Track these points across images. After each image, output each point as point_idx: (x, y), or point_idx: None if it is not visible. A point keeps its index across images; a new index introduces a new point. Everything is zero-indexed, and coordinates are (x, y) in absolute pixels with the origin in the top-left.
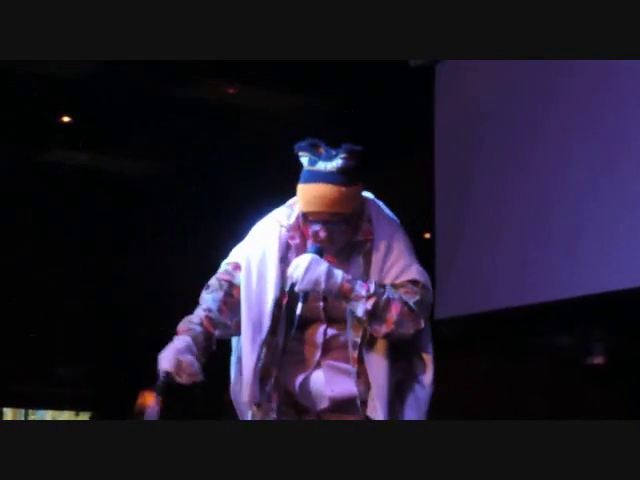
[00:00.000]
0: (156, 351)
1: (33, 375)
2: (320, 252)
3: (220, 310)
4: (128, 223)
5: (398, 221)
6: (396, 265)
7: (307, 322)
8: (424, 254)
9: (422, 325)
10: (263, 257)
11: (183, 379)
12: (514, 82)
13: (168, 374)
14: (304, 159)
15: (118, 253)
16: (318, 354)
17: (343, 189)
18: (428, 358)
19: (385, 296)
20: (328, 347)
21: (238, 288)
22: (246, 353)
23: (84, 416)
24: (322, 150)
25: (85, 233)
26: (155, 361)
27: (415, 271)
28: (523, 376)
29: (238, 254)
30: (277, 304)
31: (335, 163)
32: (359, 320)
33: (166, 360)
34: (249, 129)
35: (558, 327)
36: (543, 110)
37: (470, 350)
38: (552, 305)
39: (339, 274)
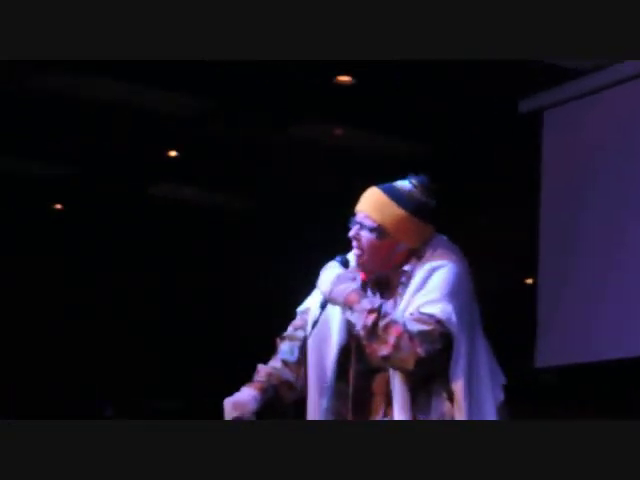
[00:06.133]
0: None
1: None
2: (345, 263)
3: (299, 361)
4: (225, 257)
5: (453, 262)
6: (422, 298)
7: (374, 370)
8: (525, 299)
9: (422, 355)
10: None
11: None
12: (625, 129)
13: None
14: None
15: (213, 285)
16: (383, 405)
17: (390, 202)
18: (461, 402)
19: (389, 317)
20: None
21: None
22: (310, 399)
23: None
24: (416, 184)
25: (184, 266)
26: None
27: (438, 308)
28: (625, 431)
29: (310, 298)
30: (345, 348)
31: (402, 184)
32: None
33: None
34: (352, 171)
35: None
36: None
37: (571, 400)
38: None
39: (350, 284)
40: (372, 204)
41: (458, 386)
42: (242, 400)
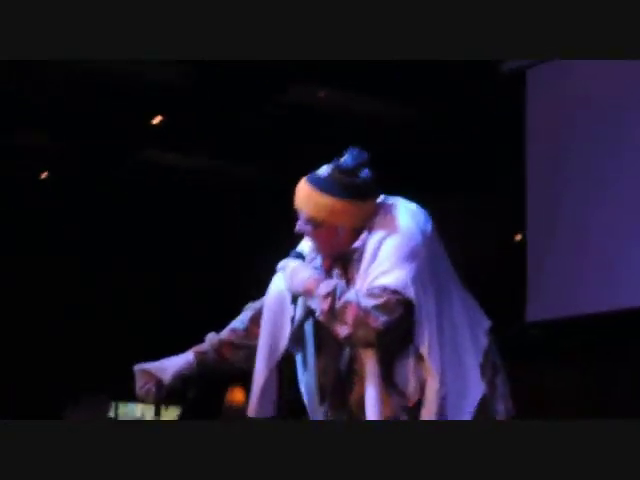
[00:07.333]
0: None
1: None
2: (298, 255)
3: (247, 330)
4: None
5: (402, 225)
6: (375, 270)
7: (341, 348)
8: (515, 256)
9: (381, 327)
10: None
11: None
12: (609, 88)
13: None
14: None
15: (205, 253)
16: (357, 378)
17: (313, 191)
18: (433, 360)
19: (344, 298)
20: None
21: None
22: (257, 368)
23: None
24: (333, 166)
25: (174, 233)
26: None
27: (391, 277)
28: (613, 381)
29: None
30: (304, 324)
31: (322, 170)
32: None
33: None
34: (333, 134)
35: None
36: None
37: (561, 354)
38: None
39: (307, 272)
40: (300, 197)
41: (429, 345)
42: (159, 367)
